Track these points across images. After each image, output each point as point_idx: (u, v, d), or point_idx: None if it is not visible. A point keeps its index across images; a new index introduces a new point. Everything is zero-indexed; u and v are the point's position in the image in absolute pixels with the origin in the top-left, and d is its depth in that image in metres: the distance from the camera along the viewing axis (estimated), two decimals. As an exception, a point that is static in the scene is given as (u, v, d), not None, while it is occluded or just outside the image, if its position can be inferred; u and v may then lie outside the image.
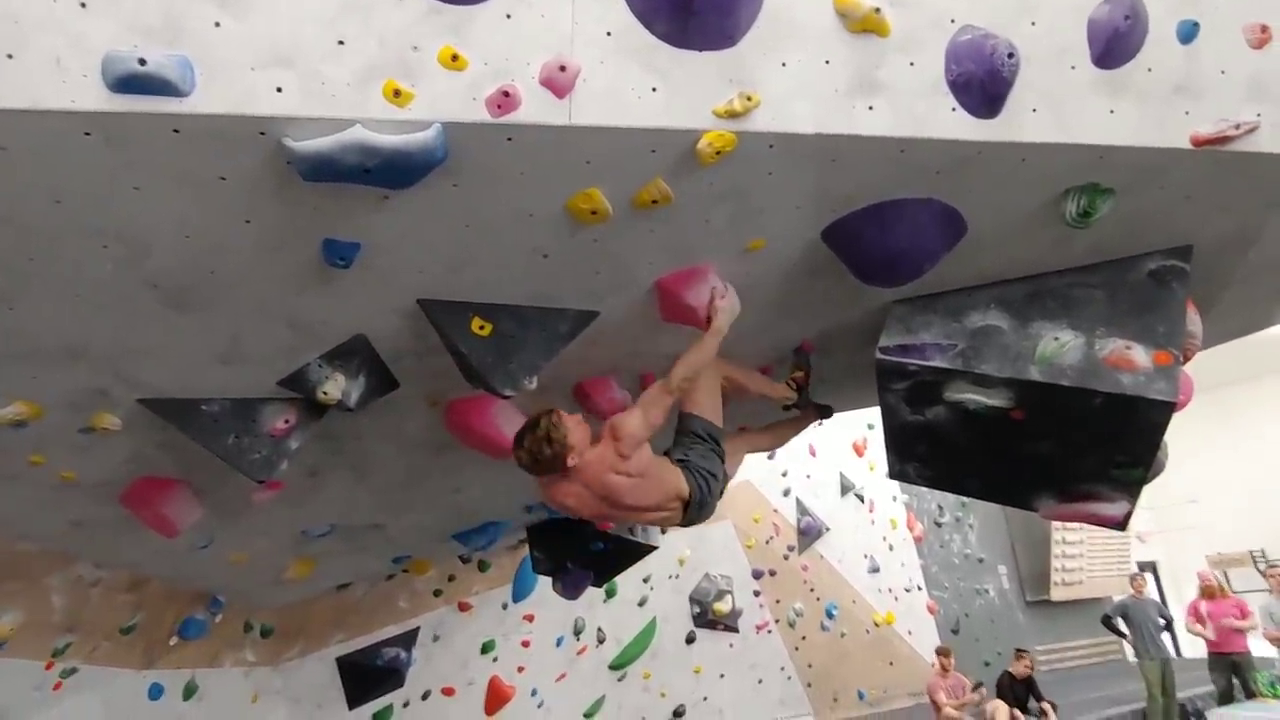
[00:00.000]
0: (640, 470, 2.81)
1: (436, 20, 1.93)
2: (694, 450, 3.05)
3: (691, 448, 3.06)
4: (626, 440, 2.73)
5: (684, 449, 3.06)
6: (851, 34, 2.27)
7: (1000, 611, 13.49)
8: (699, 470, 3.00)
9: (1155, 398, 2.68)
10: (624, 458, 2.75)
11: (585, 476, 2.79)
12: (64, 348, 2.49)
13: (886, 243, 2.74)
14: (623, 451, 2.74)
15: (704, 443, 3.08)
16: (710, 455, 3.07)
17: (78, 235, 2.05)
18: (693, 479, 2.97)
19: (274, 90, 1.83)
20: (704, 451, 3.06)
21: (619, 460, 2.75)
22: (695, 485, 2.98)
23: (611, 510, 2.94)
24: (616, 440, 2.74)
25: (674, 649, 9.24)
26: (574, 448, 2.72)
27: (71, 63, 1.70)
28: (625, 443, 2.73)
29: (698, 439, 3.08)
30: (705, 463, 3.04)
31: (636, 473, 2.80)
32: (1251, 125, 2.48)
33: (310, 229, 2.19)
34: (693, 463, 3.01)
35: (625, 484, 2.80)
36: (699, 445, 3.07)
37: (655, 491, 2.91)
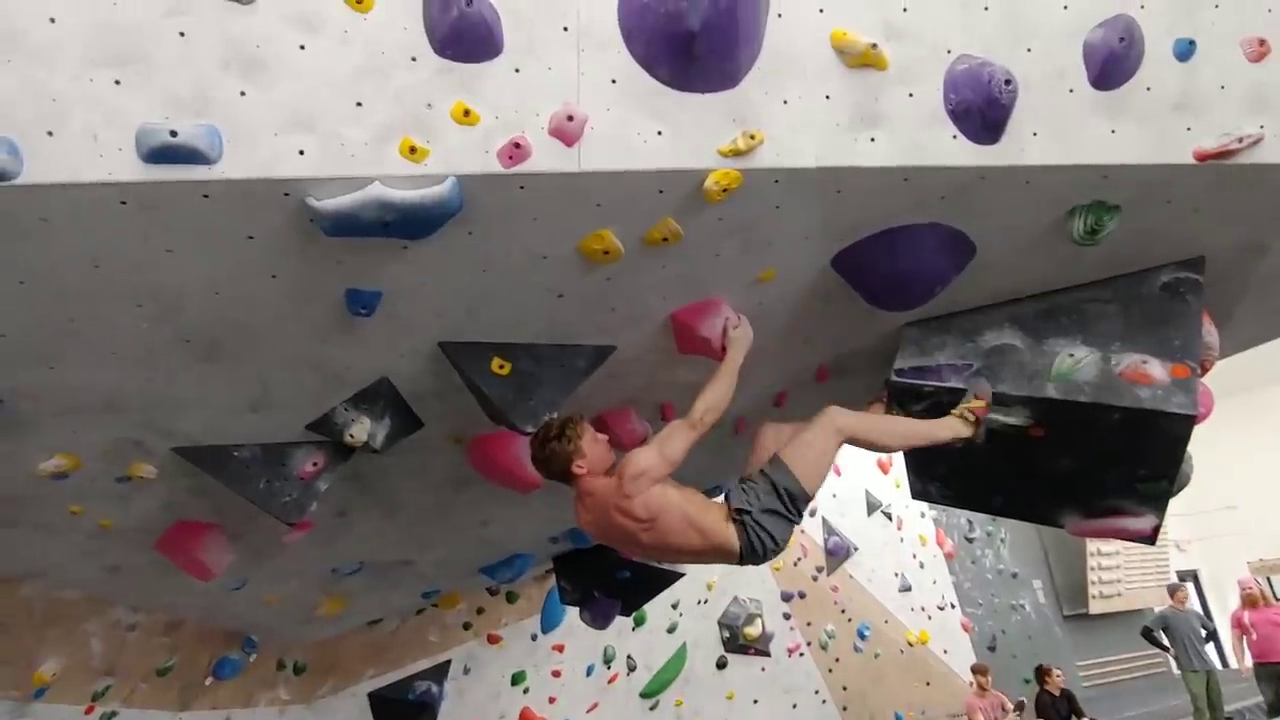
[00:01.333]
0: (651, 514, 2.52)
1: (448, 78, 2.02)
2: (762, 503, 2.63)
3: (759, 499, 2.63)
4: (630, 478, 2.47)
5: (750, 498, 2.64)
6: (850, 69, 2.33)
7: (1037, 627, 13.22)
8: (757, 528, 2.61)
9: (1174, 411, 2.68)
10: (627, 496, 2.48)
11: (593, 505, 2.59)
12: (102, 402, 2.59)
13: (896, 268, 2.78)
14: (626, 491, 2.48)
15: (779, 501, 2.64)
16: (780, 520, 2.65)
17: (115, 296, 2.15)
18: (745, 536, 2.60)
19: (296, 153, 1.92)
20: (773, 508, 2.64)
21: (623, 499, 2.50)
22: (746, 542, 2.61)
23: (630, 546, 2.72)
24: (620, 477, 2.50)
25: (706, 675, 9.16)
26: (582, 455, 2.54)
27: (107, 137, 1.80)
28: (629, 480, 2.47)
29: (775, 494, 2.65)
30: (768, 523, 2.62)
31: (645, 516, 2.52)
32: (1255, 138, 2.50)
33: (333, 280, 2.28)
34: (753, 518, 2.60)
35: (630, 526, 2.55)
36: (771, 501, 2.64)
37: (681, 536, 2.59)
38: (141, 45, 1.82)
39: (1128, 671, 13.84)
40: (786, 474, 2.67)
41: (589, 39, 2.12)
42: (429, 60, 2.01)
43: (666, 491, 2.56)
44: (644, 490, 2.50)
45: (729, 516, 2.62)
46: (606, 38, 2.13)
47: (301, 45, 1.92)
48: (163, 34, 1.83)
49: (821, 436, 2.75)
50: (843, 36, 2.30)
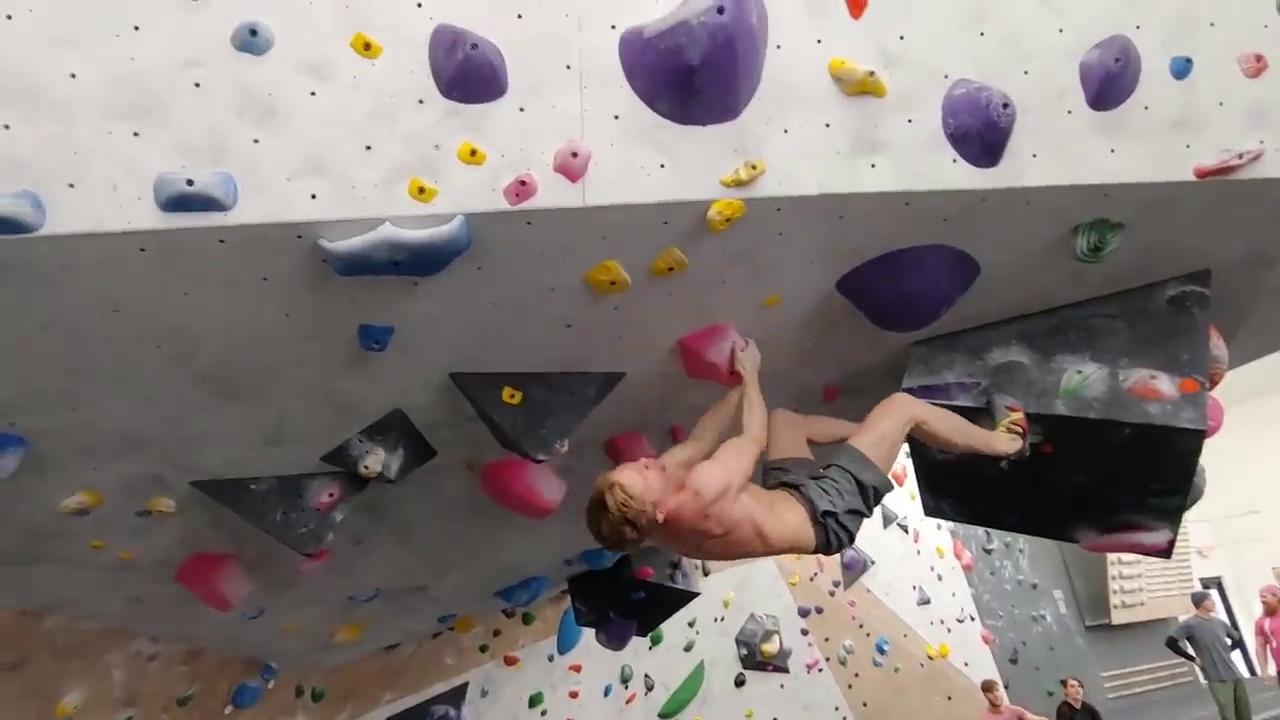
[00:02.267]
0: (726, 528, 2.42)
1: (455, 120, 2.07)
2: (846, 504, 2.56)
3: (844, 498, 2.56)
4: (711, 500, 2.35)
5: (834, 498, 2.56)
6: (849, 96, 2.36)
7: (1059, 638, 13.08)
8: (839, 529, 2.56)
9: (1184, 426, 2.68)
10: (707, 518, 2.37)
11: (675, 528, 2.41)
12: (122, 439, 2.64)
13: (901, 289, 2.81)
14: (708, 513, 2.36)
15: (862, 499, 2.60)
16: (856, 517, 2.60)
17: (134, 339, 2.20)
18: (824, 535, 2.55)
19: (309, 196, 1.97)
20: (856, 507, 2.59)
21: (703, 520, 2.38)
22: (824, 542, 2.56)
23: (695, 552, 2.64)
24: (697, 494, 2.35)
25: (724, 693, 9.11)
26: (656, 507, 2.31)
27: (127, 187, 1.86)
28: (711, 504, 2.35)
29: (859, 492, 2.60)
30: (850, 523, 2.58)
31: (720, 531, 2.41)
32: (1255, 153, 2.52)
33: (346, 317, 2.32)
34: (838, 520, 2.55)
35: (703, 540, 2.45)
36: (855, 501, 2.59)
37: (750, 544, 2.49)
38: (158, 97, 1.88)
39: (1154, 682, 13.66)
40: (871, 469, 2.62)
41: (591, 76, 2.17)
42: (436, 102, 2.06)
43: (741, 500, 2.45)
44: (720, 507, 2.38)
45: (813, 518, 2.53)
46: (608, 75, 2.18)
47: (312, 92, 1.98)
48: (178, 85, 1.89)
49: (895, 426, 2.71)
50: (841, 65, 2.34)
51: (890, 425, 2.70)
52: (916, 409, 2.76)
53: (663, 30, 2.14)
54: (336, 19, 2.00)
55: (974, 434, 2.86)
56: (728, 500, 2.39)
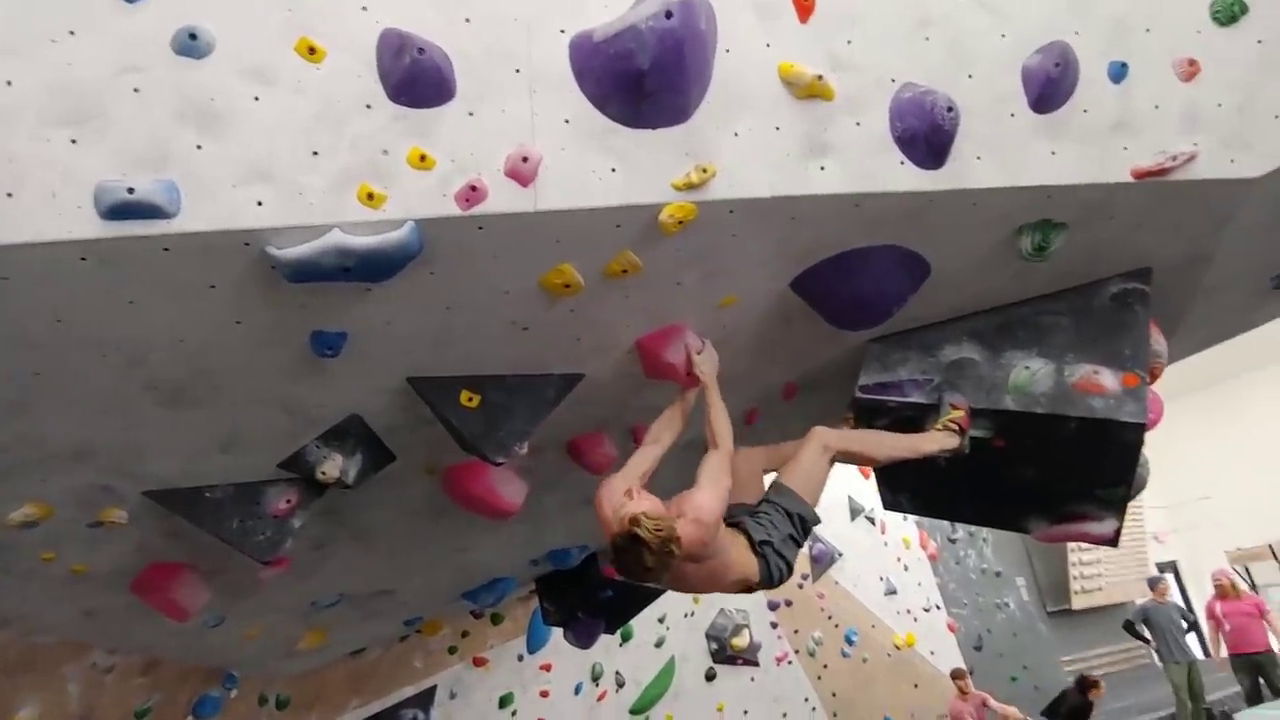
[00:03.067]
0: (715, 551, 2.46)
1: (403, 124, 2.06)
2: (780, 532, 2.65)
3: (778, 528, 2.66)
4: (708, 527, 2.38)
5: (769, 529, 2.64)
6: (798, 100, 2.40)
7: (1022, 624, 13.35)
8: (777, 558, 2.63)
9: (1125, 420, 2.77)
10: (705, 544, 2.40)
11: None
12: (70, 450, 2.59)
13: (854, 289, 2.86)
14: (705, 539, 2.38)
15: (793, 527, 2.69)
16: (791, 544, 2.68)
17: (79, 348, 2.16)
18: (765, 567, 2.61)
19: (255, 204, 1.95)
20: (791, 534, 2.68)
21: (700, 545, 2.38)
22: (765, 572, 2.62)
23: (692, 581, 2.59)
24: (699, 524, 2.37)
25: (695, 688, 9.16)
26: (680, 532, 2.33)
27: (66, 195, 1.83)
28: (708, 529, 2.38)
29: (789, 521, 2.69)
30: (785, 550, 2.65)
31: (708, 556, 2.45)
32: (1189, 155, 2.60)
33: (298, 324, 2.30)
34: (774, 548, 2.61)
35: (697, 569, 2.46)
36: (787, 528, 2.67)
37: (721, 575, 2.56)
38: (96, 103, 1.85)
39: (1111, 664, 14.00)
40: (795, 499, 2.73)
41: (541, 81, 2.18)
42: (384, 107, 2.05)
43: (722, 527, 2.50)
44: (716, 532, 2.43)
45: (752, 549, 2.60)
46: (558, 79, 2.19)
47: (256, 97, 1.96)
48: (117, 91, 1.86)
49: (813, 458, 2.82)
50: (790, 69, 2.38)
51: (811, 460, 2.81)
52: (832, 439, 2.87)
53: (611, 35, 2.16)
54: (280, 23, 1.98)
55: (898, 444, 2.99)
56: (716, 524, 2.42)
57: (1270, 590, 13.89)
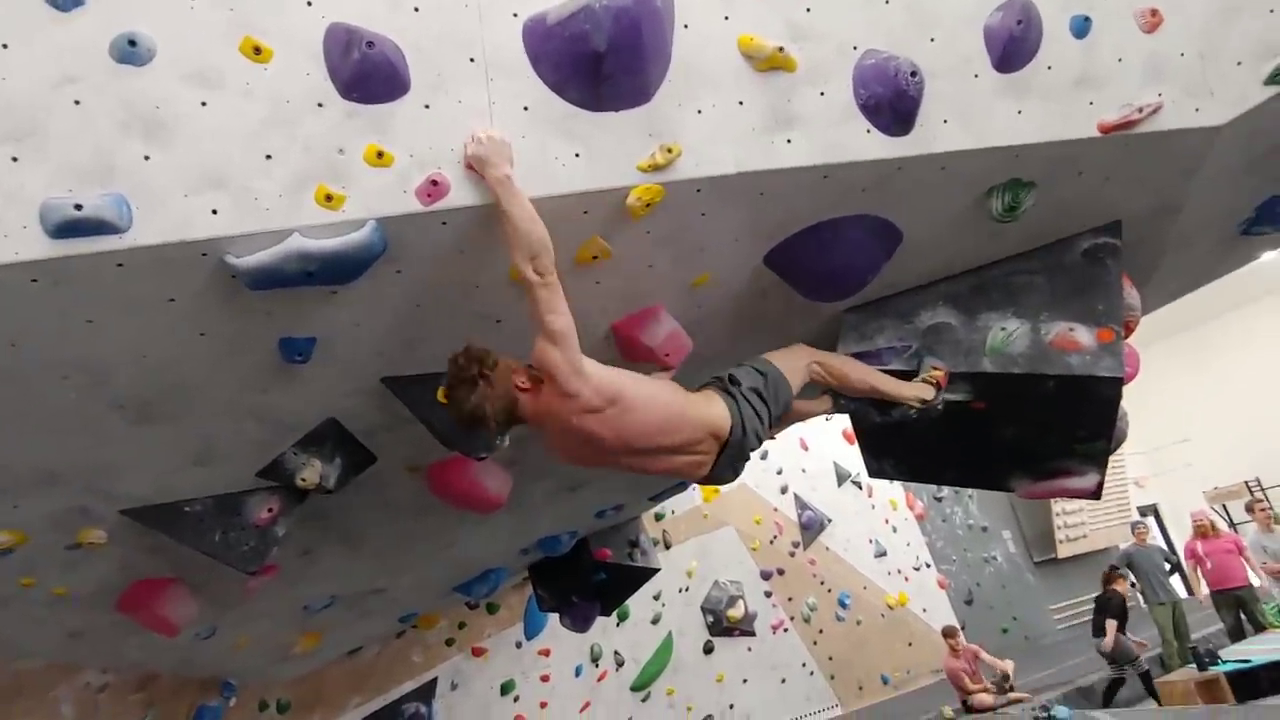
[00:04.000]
0: (607, 394, 2.24)
1: (357, 121, 2.00)
2: (748, 382, 2.57)
3: (746, 377, 2.59)
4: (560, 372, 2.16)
5: (741, 374, 2.59)
6: (760, 73, 2.36)
7: (1010, 576, 13.62)
8: (746, 402, 2.51)
9: (1103, 375, 2.78)
10: (570, 396, 2.18)
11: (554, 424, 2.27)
12: (39, 475, 2.53)
13: (827, 260, 2.84)
14: (565, 388, 2.16)
15: (763, 382, 2.61)
16: (762, 406, 2.57)
17: (39, 372, 2.10)
18: (736, 410, 2.48)
19: (209, 212, 1.89)
20: (757, 387, 2.59)
21: (568, 399, 2.19)
22: (738, 419, 2.48)
23: (609, 455, 2.39)
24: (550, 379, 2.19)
25: (694, 661, 9.27)
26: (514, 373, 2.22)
27: (10, 216, 1.76)
28: (561, 376, 2.16)
29: (759, 375, 2.62)
30: (755, 403, 2.55)
31: (602, 400, 2.23)
32: (1154, 106, 2.59)
33: (264, 332, 2.25)
34: (742, 390, 2.52)
35: (604, 421, 2.25)
36: (756, 380, 2.61)
37: (657, 415, 2.35)
38: (35, 118, 1.78)
39: (1100, 609, 14.32)
40: (767, 364, 2.72)
41: (497, 68, 2.12)
42: (336, 105, 1.99)
43: (609, 369, 2.31)
44: (578, 371, 2.18)
45: (722, 389, 2.53)
46: (514, 66, 2.13)
47: (203, 102, 1.89)
48: (56, 104, 1.79)
49: (791, 359, 2.82)
50: (750, 42, 2.33)
51: (789, 359, 2.81)
52: (813, 351, 2.92)
53: (565, 16, 2.10)
54: (222, 23, 1.91)
55: (875, 378, 2.99)
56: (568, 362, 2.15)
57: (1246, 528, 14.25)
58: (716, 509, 9.86)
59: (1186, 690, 6.93)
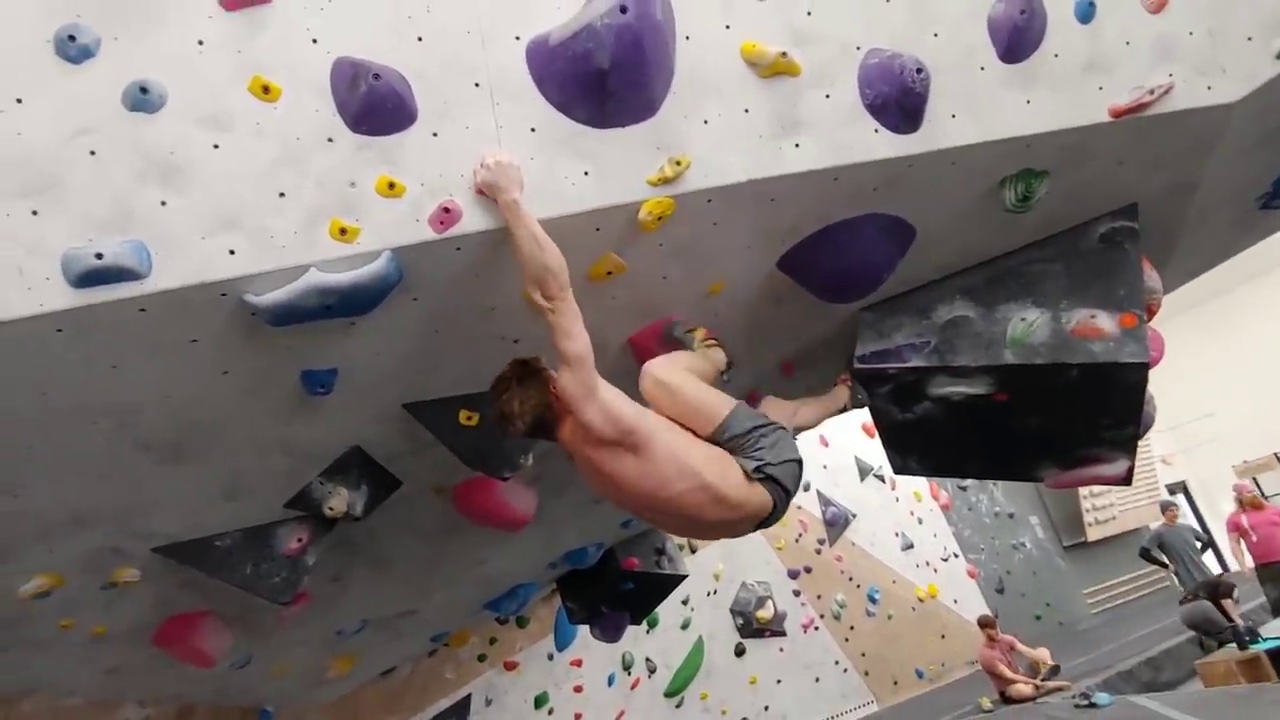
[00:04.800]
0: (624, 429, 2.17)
1: (367, 153, 2.02)
2: (762, 445, 2.39)
3: (757, 446, 2.39)
4: (573, 401, 2.14)
5: (749, 451, 2.38)
6: (764, 79, 2.35)
7: (1040, 562, 13.48)
8: (778, 469, 2.39)
9: (1127, 361, 2.74)
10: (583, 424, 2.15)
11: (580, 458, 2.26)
12: (71, 518, 2.56)
13: (841, 262, 2.82)
14: (580, 415, 2.14)
15: (760, 429, 2.44)
16: (776, 436, 2.43)
17: (67, 418, 2.13)
18: (775, 490, 2.39)
19: (227, 253, 1.91)
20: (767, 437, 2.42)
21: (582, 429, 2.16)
22: (778, 495, 2.40)
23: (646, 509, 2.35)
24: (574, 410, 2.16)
25: (726, 664, 9.25)
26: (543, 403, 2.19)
27: (33, 268, 1.78)
28: (574, 404, 2.14)
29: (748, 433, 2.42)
30: (782, 452, 2.41)
31: (616, 433, 2.17)
32: (1166, 87, 2.56)
33: (286, 366, 2.27)
34: (769, 466, 2.36)
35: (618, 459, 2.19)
36: (758, 436, 2.41)
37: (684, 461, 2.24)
38: (53, 170, 1.80)
39: (1134, 591, 14.16)
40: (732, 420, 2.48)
41: (502, 92, 2.13)
42: (345, 139, 2.00)
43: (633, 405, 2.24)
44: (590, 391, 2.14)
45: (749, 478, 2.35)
46: (519, 88, 2.14)
47: (215, 144, 1.91)
48: (73, 156, 1.81)
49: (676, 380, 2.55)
50: (752, 49, 2.33)
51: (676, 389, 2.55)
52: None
53: (568, 37, 2.11)
54: (230, 65, 1.93)
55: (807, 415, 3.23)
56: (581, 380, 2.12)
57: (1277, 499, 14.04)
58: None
59: (1228, 670, 6.83)
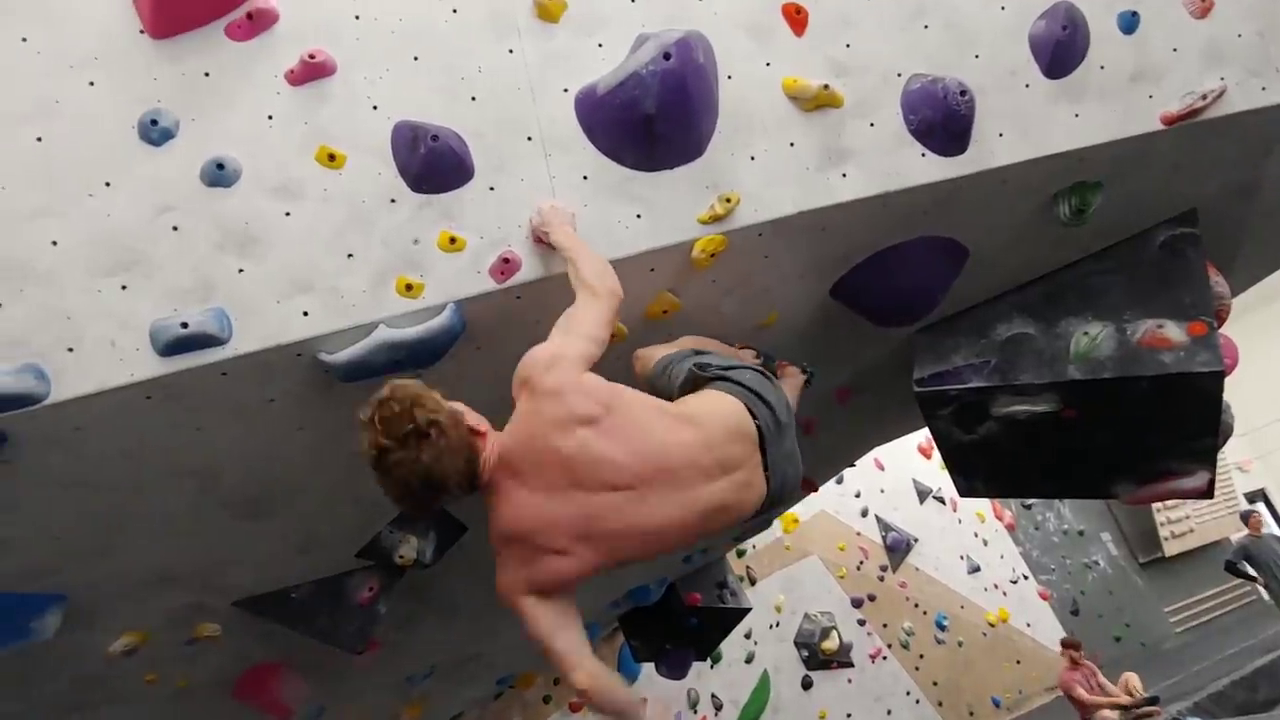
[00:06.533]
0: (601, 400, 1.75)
1: (429, 211, 2.09)
2: (699, 358, 2.09)
3: (687, 359, 2.09)
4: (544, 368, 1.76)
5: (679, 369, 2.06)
6: (808, 112, 2.39)
7: (1116, 580, 12.92)
8: (724, 370, 2.02)
9: (1201, 370, 2.66)
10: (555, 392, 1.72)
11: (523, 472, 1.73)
12: (157, 576, 2.65)
13: (894, 286, 2.81)
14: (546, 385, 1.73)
15: (693, 354, 2.14)
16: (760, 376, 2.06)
17: (153, 481, 2.22)
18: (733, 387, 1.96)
19: (301, 315, 1.99)
20: (699, 356, 2.12)
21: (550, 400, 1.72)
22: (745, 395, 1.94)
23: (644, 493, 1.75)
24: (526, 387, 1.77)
25: (793, 698, 9.03)
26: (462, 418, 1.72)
27: (124, 341, 1.88)
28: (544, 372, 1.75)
29: (683, 359, 2.13)
30: (719, 361, 2.08)
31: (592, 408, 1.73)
32: (1218, 90, 2.52)
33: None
34: (712, 365, 2.03)
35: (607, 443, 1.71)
36: (689, 357, 2.12)
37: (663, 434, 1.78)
38: (139, 247, 1.91)
39: (1221, 607, 13.47)
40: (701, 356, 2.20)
41: (553, 144, 2.20)
42: (407, 199, 2.08)
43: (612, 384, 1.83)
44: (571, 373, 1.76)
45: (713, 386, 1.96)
46: (569, 138, 2.21)
47: (286, 212, 2.00)
48: (157, 233, 1.92)
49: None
50: (794, 84, 2.36)
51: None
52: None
53: (615, 85, 2.17)
54: (298, 136, 2.03)
55: None
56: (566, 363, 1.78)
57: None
58: (798, 539, 9.67)
59: (1332, 690, 6.44)
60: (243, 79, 2.02)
